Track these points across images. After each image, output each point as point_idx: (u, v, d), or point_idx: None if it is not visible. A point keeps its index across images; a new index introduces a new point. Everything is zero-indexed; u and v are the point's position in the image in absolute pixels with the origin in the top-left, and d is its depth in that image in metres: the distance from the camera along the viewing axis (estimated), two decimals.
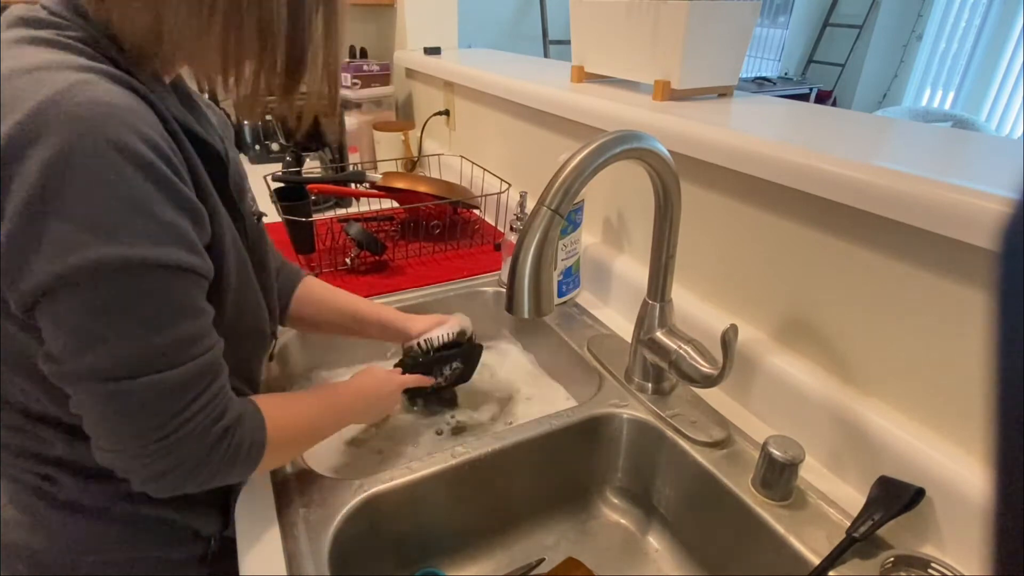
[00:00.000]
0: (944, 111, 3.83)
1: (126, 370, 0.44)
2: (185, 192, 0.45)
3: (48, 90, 0.40)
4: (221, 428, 0.50)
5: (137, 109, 0.43)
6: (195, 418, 0.48)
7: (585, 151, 0.59)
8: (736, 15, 0.90)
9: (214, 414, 0.49)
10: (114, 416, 0.46)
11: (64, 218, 0.40)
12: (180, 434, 0.47)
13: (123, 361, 0.44)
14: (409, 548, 0.71)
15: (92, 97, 0.40)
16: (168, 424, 0.46)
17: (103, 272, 0.41)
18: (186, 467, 0.49)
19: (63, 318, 0.43)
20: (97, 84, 0.41)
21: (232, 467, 0.52)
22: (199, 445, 0.48)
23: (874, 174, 0.58)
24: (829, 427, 0.66)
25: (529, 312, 0.60)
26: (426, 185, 1.24)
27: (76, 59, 0.43)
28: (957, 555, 0.56)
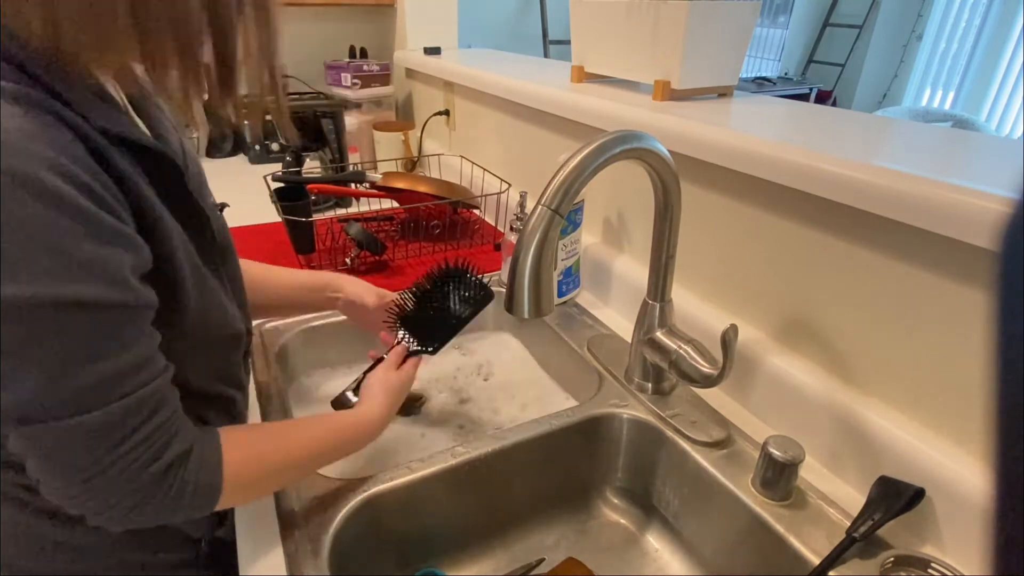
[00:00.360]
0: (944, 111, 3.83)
1: (41, 414, 0.41)
2: (108, 221, 0.41)
3: None
4: (159, 468, 0.46)
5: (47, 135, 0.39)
6: (121, 460, 0.44)
7: (585, 151, 0.59)
8: (736, 15, 0.90)
9: (148, 454, 0.46)
10: (38, 458, 0.44)
11: None
12: (107, 476, 0.44)
13: (36, 405, 0.41)
14: (409, 548, 0.71)
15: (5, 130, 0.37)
16: (91, 467, 0.44)
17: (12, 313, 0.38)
18: (122, 507, 0.46)
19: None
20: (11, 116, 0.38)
21: (177, 507, 0.48)
22: (129, 487, 0.45)
23: (874, 174, 0.58)
24: (829, 427, 0.66)
25: (529, 312, 0.60)
26: (426, 185, 1.24)
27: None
28: (957, 555, 0.56)
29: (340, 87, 1.80)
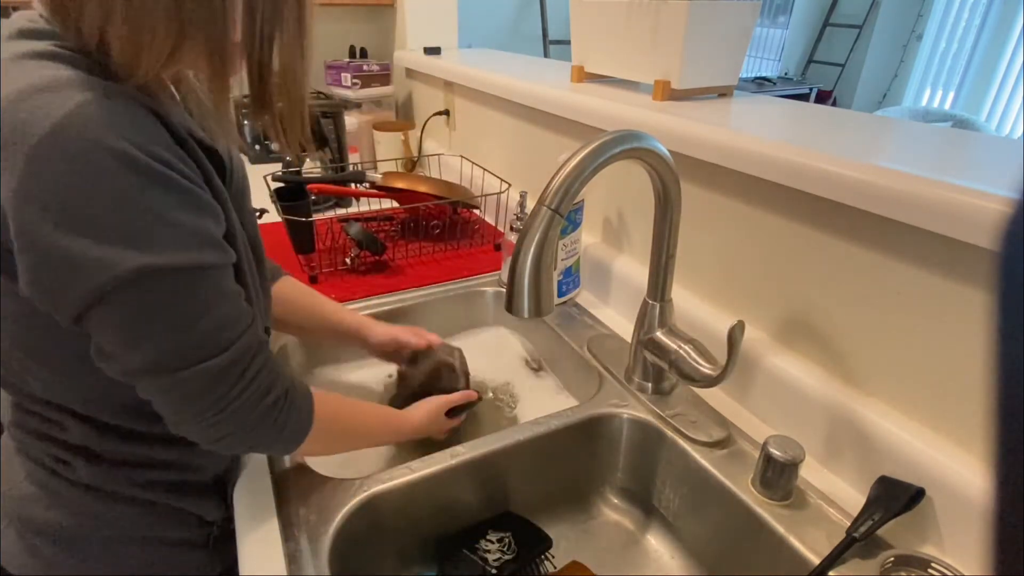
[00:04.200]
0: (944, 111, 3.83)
1: (176, 363, 0.48)
2: (201, 195, 0.48)
3: (57, 114, 0.41)
4: (269, 401, 0.54)
5: (143, 124, 0.44)
6: (246, 392, 0.52)
7: (585, 151, 0.59)
8: (736, 15, 0.90)
9: (262, 387, 0.54)
10: (175, 401, 0.51)
11: (92, 237, 0.42)
12: (230, 409, 0.52)
13: (171, 355, 0.48)
14: (409, 548, 0.71)
15: (98, 116, 0.42)
16: (222, 401, 0.51)
17: (136, 281, 0.44)
18: (240, 433, 0.54)
19: (109, 325, 0.46)
20: (102, 104, 0.42)
21: (279, 436, 0.57)
22: (248, 417, 0.53)
23: (874, 174, 0.58)
24: (829, 427, 0.66)
25: (529, 312, 0.60)
26: (426, 185, 1.24)
27: (79, 74, 0.43)
28: (957, 555, 0.56)
29: (340, 87, 1.80)
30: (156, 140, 0.45)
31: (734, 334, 0.63)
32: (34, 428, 0.58)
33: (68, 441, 0.58)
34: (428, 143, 1.77)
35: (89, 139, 0.41)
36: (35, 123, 0.41)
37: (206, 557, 0.67)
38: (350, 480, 0.65)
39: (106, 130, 0.41)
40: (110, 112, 0.42)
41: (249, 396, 0.53)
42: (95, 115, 0.41)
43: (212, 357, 0.50)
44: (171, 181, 0.45)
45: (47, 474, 0.59)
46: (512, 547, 0.70)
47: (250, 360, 0.53)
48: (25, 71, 0.43)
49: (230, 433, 0.54)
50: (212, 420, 0.52)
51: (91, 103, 0.42)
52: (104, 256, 0.43)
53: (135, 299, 0.45)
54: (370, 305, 1.01)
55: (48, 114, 0.41)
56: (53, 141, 0.40)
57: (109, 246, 0.43)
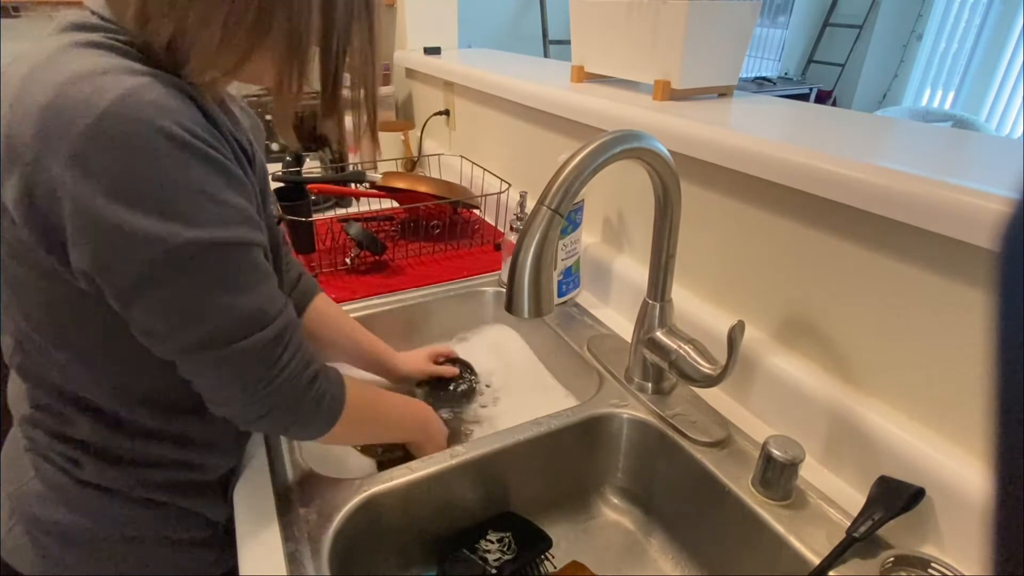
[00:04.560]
0: (944, 111, 3.83)
1: (225, 338, 0.50)
2: (241, 177, 0.50)
3: (111, 95, 0.42)
4: (312, 372, 0.56)
5: (189, 110, 0.46)
6: (290, 364, 0.54)
7: (585, 151, 0.59)
8: (736, 15, 0.90)
9: (304, 359, 0.55)
10: (224, 377, 0.52)
11: (146, 212, 0.44)
12: (280, 379, 0.53)
13: (221, 332, 0.49)
14: (409, 548, 0.71)
15: (151, 100, 0.43)
16: (269, 374, 0.53)
17: (189, 255, 0.46)
18: (282, 409, 0.55)
19: (161, 300, 0.47)
20: (152, 88, 0.44)
21: (316, 413, 0.58)
22: (291, 392, 0.55)
23: (874, 174, 0.58)
24: (829, 427, 0.66)
25: (529, 312, 0.60)
26: (426, 185, 1.24)
27: (129, 63, 0.45)
28: (957, 555, 0.56)
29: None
30: (200, 124, 0.46)
31: (734, 334, 0.63)
32: (46, 425, 0.58)
33: (78, 439, 0.58)
34: (428, 143, 1.77)
35: (142, 119, 0.42)
36: (89, 103, 0.42)
37: (212, 557, 0.67)
38: (350, 480, 0.65)
39: (157, 111, 0.43)
40: (160, 95, 0.44)
41: (293, 369, 0.54)
42: (146, 97, 0.43)
43: (261, 329, 0.51)
44: (216, 161, 0.47)
45: (56, 472, 0.59)
46: (512, 547, 0.70)
47: (291, 335, 0.54)
48: (77, 57, 0.44)
49: (273, 408, 0.54)
50: (260, 395, 0.53)
51: (142, 87, 0.43)
52: (157, 230, 0.44)
53: (187, 272, 0.46)
54: (370, 305, 1.01)
55: (102, 96, 0.42)
56: (107, 121, 0.42)
57: (162, 220, 0.44)
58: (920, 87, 4.24)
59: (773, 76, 4.44)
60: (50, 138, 0.42)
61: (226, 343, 0.50)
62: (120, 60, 0.45)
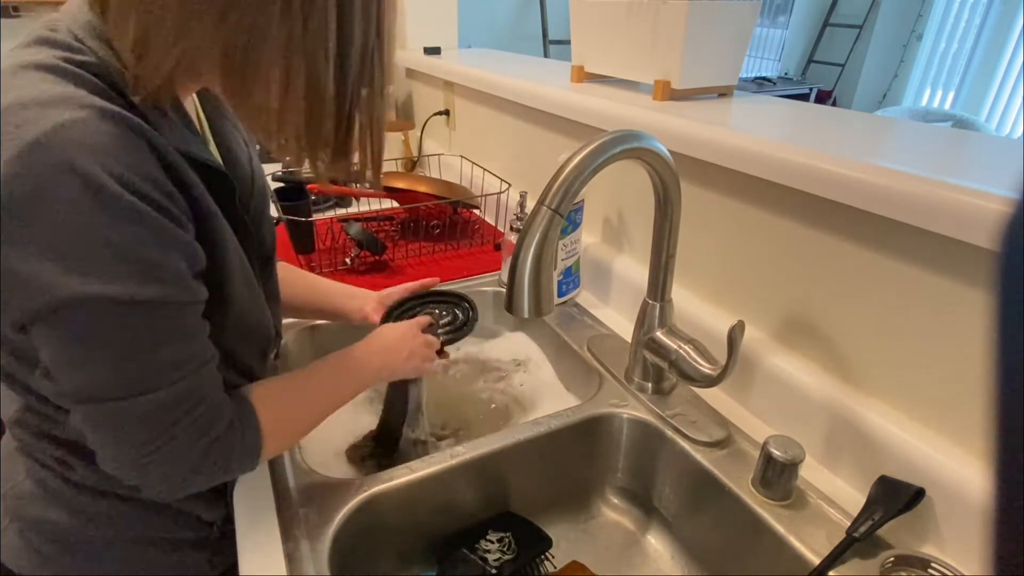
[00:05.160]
0: (944, 111, 3.83)
1: (108, 393, 0.46)
2: (169, 229, 0.46)
3: (40, 129, 0.40)
4: (208, 440, 0.51)
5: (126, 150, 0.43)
6: (182, 434, 0.50)
7: (585, 151, 0.59)
8: (736, 15, 0.90)
9: (201, 428, 0.51)
10: (105, 432, 0.49)
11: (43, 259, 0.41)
12: (168, 448, 0.49)
13: (104, 386, 0.46)
14: (409, 548, 0.71)
15: (80, 138, 0.41)
16: (155, 440, 0.49)
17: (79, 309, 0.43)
18: (176, 478, 0.51)
19: (48, 345, 0.45)
20: (88, 123, 0.42)
21: (227, 471, 0.54)
22: (187, 457, 0.51)
23: (874, 174, 0.58)
24: (829, 427, 0.66)
25: (529, 312, 0.60)
26: (426, 185, 1.24)
27: (77, 92, 0.43)
28: (957, 555, 0.56)
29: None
30: (135, 168, 0.43)
31: (734, 334, 0.63)
32: (36, 427, 0.58)
33: (67, 440, 0.58)
34: (428, 143, 1.77)
35: (61, 159, 0.40)
36: (16, 136, 0.40)
37: (206, 557, 0.67)
38: (350, 480, 0.65)
39: (81, 152, 0.41)
40: (95, 134, 0.42)
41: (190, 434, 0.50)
42: (78, 135, 0.41)
43: (154, 391, 0.47)
44: (139, 213, 0.43)
45: (47, 473, 0.59)
46: (512, 547, 0.70)
47: (198, 400, 0.50)
48: (24, 83, 0.43)
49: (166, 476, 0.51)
50: (145, 459, 0.49)
51: (76, 123, 0.41)
52: (49, 278, 0.42)
53: (74, 325, 0.44)
54: None
55: (29, 129, 0.40)
56: (27, 156, 0.40)
57: (55, 269, 0.42)
58: (920, 87, 4.24)
59: (773, 76, 4.44)
60: None
61: (110, 399, 0.46)
62: (68, 88, 0.43)
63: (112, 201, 0.42)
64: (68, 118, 0.41)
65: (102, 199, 0.41)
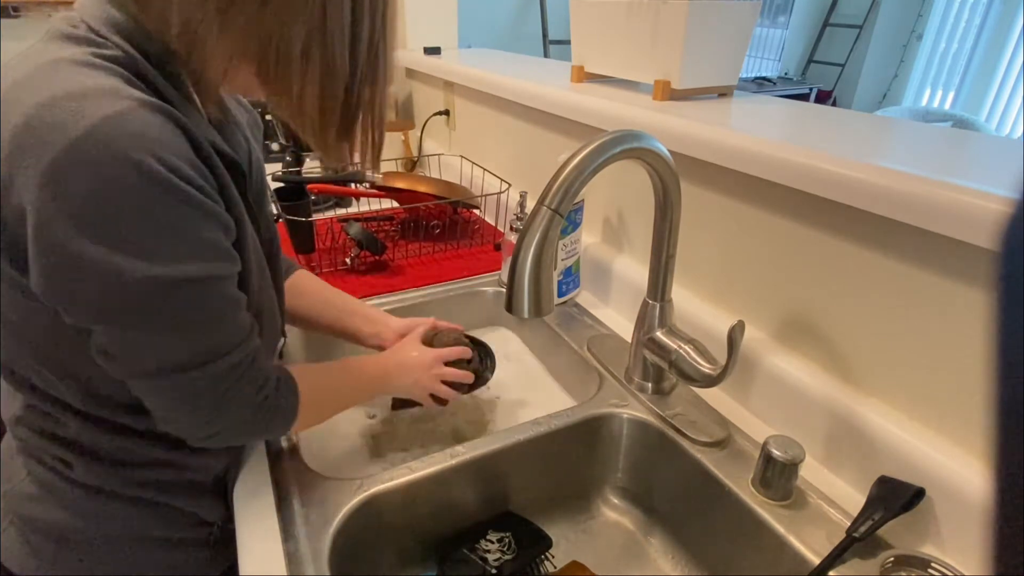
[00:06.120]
0: (944, 111, 3.83)
1: (180, 366, 0.51)
2: (215, 209, 0.49)
3: (88, 121, 0.42)
4: (261, 397, 0.57)
5: (171, 140, 0.46)
6: (241, 393, 0.55)
7: (585, 151, 0.59)
8: (736, 15, 0.90)
9: (255, 386, 0.56)
10: (172, 400, 0.53)
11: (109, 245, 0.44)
12: (229, 407, 0.55)
13: (171, 361, 0.50)
14: (409, 548, 0.71)
15: (130, 129, 0.43)
16: (218, 401, 0.54)
17: (147, 291, 0.46)
18: (232, 430, 0.57)
19: (114, 330, 0.48)
20: (133, 116, 0.43)
21: (270, 427, 0.60)
22: (243, 413, 0.56)
23: (874, 174, 0.58)
24: (829, 427, 0.66)
25: (529, 312, 0.60)
26: (426, 185, 1.24)
27: (117, 84, 0.45)
28: (957, 555, 0.56)
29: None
30: (179, 154, 0.46)
31: (734, 334, 0.63)
32: (36, 426, 0.59)
33: (69, 439, 0.58)
34: (428, 143, 1.78)
35: (116, 149, 0.42)
36: (65, 127, 0.41)
37: (206, 557, 0.67)
38: (350, 480, 0.65)
39: (132, 142, 0.43)
40: (139, 124, 0.43)
41: (244, 397, 0.55)
42: (124, 126, 0.43)
43: (214, 361, 0.52)
44: (188, 195, 0.46)
45: (48, 473, 0.59)
46: (512, 547, 0.70)
47: (250, 363, 0.55)
48: (61, 75, 0.44)
49: (222, 429, 0.56)
50: (207, 418, 0.54)
51: (122, 114, 0.43)
52: (117, 263, 0.44)
53: (142, 306, 0.47)
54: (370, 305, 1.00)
55: (79, 121, 0.42)
56: (81, 147, 0.41)
57: (123, 254, 0.44)
58: (920, 87, 4.25)
59: (773, 76, 4.44)
60: (24, 159, 0.42)
61: (176, 372, 0.50)
62: (106, 80, 0.44)
63: (166, 185, 0.44)
64: (111, 110, 0.42)
65: (157, 184, 0.44)
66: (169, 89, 0.50)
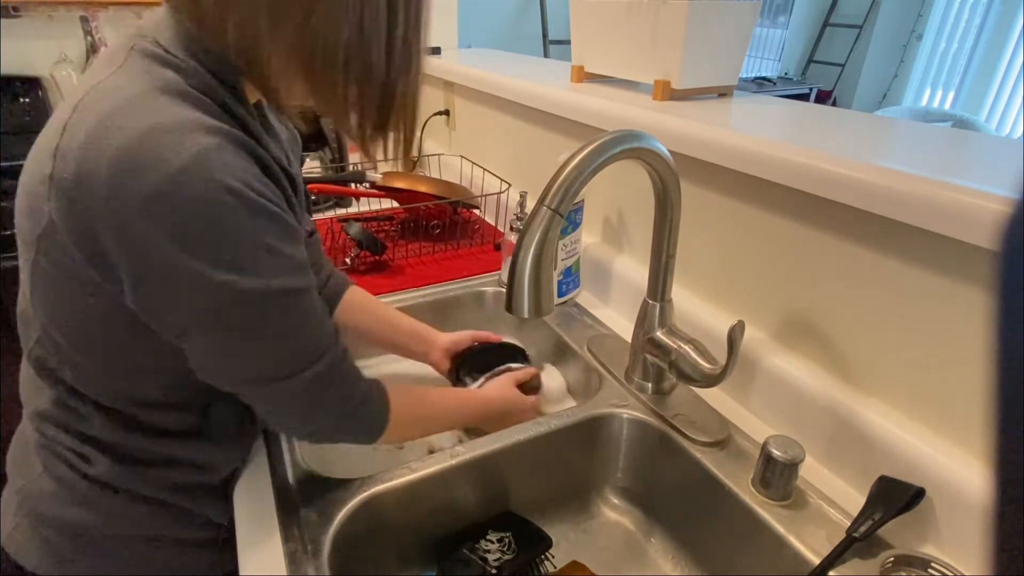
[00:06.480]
0: (944, 111, 3.83)
1: (277, 374, 0.54)
2: (294, 224, 0.53)
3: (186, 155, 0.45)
4: (353, 402, 0.60)
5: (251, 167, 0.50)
6: (329, 400, 0.58)
7: (585, 151, 0.59)
8: (736, 15, 0.90)
9: (345, 393, 0.59)
10: (275, 405, 0.57)
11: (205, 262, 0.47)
12: (323, 411, 0.58)
13: (272, 368, 0.54)
14: (409, 548, 0.71)
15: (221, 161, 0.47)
16: (316, 404, 0.57)
17: (242, 303, 0.49)
18: (326, 431, 0.61)
19: (211, 342, 0.51)
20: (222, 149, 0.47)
21: (360, 432, 0.64)
22: (330, 419, 0.60)
23: (874, 174, 0.58)
24: (829, 427, 0.66)
25: (529, 312, 0.60)
26: (426, 185, 1.24)
27: (203, 118, 0.48)
28: (957, 555, 0.56)
29: None
30: (259, 178, 0.50)
31: (734, 334, 0.63)
32: (61, 421, 0.59)
33: (92, 435, 0.58)
34: (428, 143, 1.78)
35: (212, 179, 0.46)
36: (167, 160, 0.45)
37: (215, 558, 0.67)
38: (350, 480, 0.65)
39: (224, 171, 0.47)
40: (229, 155, 0.48)
41: (336, 401, 0.59)
42: (217, 158, 0.46)
43: (307, 368, 0.55)
44: (274, 215, 0.50)
45: (65, 469, 0.59)
46: (512, 547, 0.70)
47: (339, 367, 0.58)
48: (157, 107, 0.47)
49: (319, 429, 0.61)
50: (308, 418, 0.58)
51: (214, 147, 0.47)
52: (217, 278, 0.47)
53: (239, 318, 0.50)
54: None
55: (178, 154, 0.45)
56: (181, 179, 0.45)
57: (221, 270, 0.47)
58: (920, 87, 4.24)
59: (773, 76, 4.44)
60: (125, 183, 0.45)
61: (275, 380, 0.54)
62: (196, 114, 0.48)
63: (258, 208, 0.48)
64: (205, 143, 0.46)
65: (252, 208, 0.48)
66: (240, 110, 0.53)
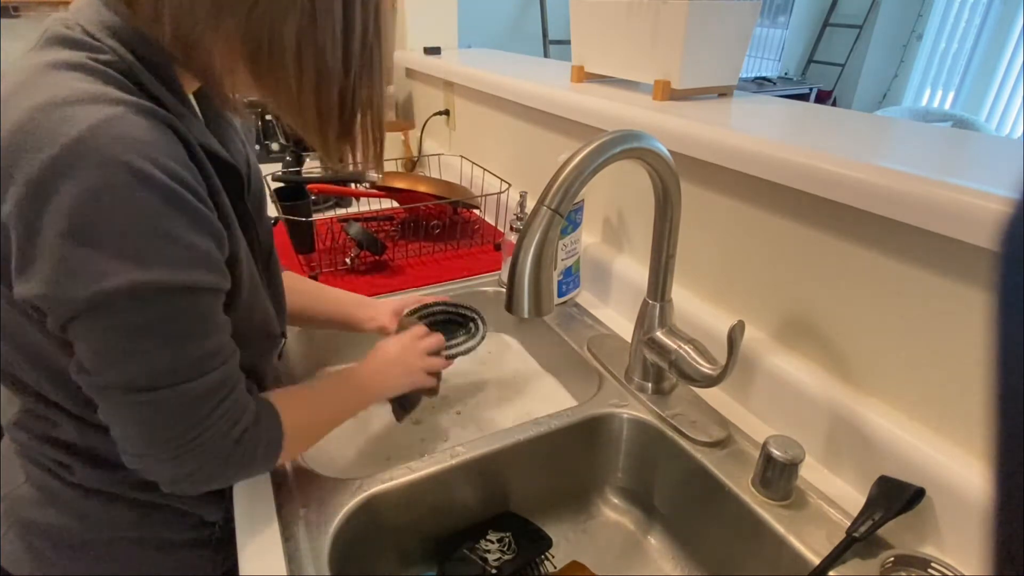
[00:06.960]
0: (944, 111, 3.83)
1: (151, 382, 0.47)
2: (208, 216, 0.48)
3: (81, 126, 0.41)
4: (239, 431, 0.53)
5: (164, 142, 0.45)
6: (216, 424, 0.51)
7: (585, 151, 0.59)
8: (736, 15, 0.90)
9: (233, 418, 0.52)
10: (140, 424, 0.49)
11: (97, 248, 0.42)
12: (202, 439, 0.50)
13: (148, 375, 0.47)
14: (409, 548, 0.71)
15: (121, 133, 0.42)
16: (191, 431, 0.50)
17: (133, 296, 0.44)
18: (208, 469, 0.52)
19: (94, 336, 0.46)
20: (126, 119, 0.43)
21: (251, 465, 0.55)
22: (220, 448, 0.52)
23: (874, 174, 0.58)
24: (829, 427, 0.66)
25: (529, 312, 0.60)
26: (426, 185, 1.24)
27: (108, 90, 0.44)
28: (957, 555, 0.56)
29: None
30: (171, 156, 0.45)
31: (734, 334, 0.63)
32: (34, 429, 0.58)
33: (66, 442, 0.58)
34: (428, 143, 1.78)
35: (106, 153, 0.42)
36: (57, 132, 0.41)
37: (208, 558, 0.67)
38: (350, 480, 0.65)
39: (124, 146, 0.42)
40: (129, 127, 0.43)
41: (218, 429, 0.51)
42: (115, 131, 0.42)
43: (192, 380, 0.49)
44: (183, 200, 0.45)
45: (47, 476, 0.59)
46: (512, 547, 0.70)
47: (229, 390, 0.52)
48: (56, 81, 0.44)
49: (196, 469, 0.51)
50: (179, 451, 0.49)
51: (117, 118, 0.43)
52: (101, 268, 0.43)
53: (125, 312, 0.45)
54: None
55: (71, 126, 0.41)
56: (71, 152, 0.41)
57: (111, 258, 0.43)
58: (920, 87, 4.24)
59: (773, 76, 4.44)
60: (15, 163, 0.42)
61: (151, 388, 0.47)
62: (98, 87, 0.44)
63: (160, 189, 0.44)
64: (103, 115, 0.42)
65: (151, 188, 0.43)
66: (164, 93, 0.49)
